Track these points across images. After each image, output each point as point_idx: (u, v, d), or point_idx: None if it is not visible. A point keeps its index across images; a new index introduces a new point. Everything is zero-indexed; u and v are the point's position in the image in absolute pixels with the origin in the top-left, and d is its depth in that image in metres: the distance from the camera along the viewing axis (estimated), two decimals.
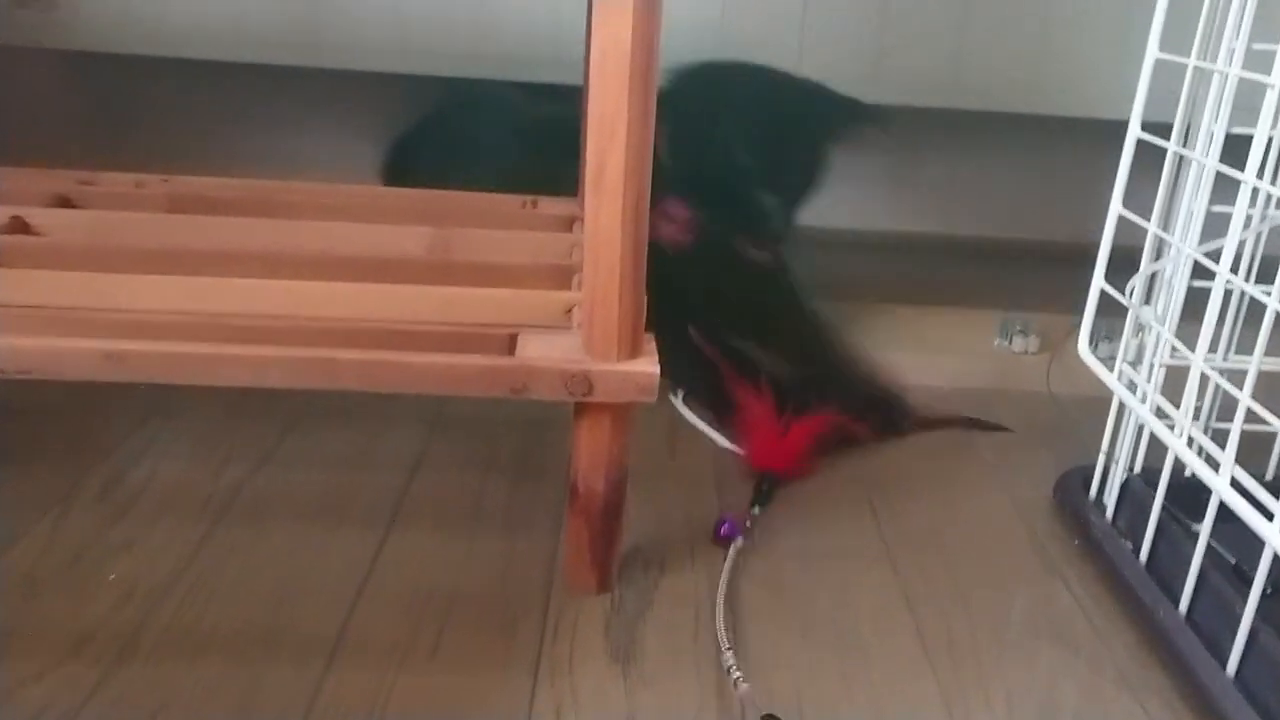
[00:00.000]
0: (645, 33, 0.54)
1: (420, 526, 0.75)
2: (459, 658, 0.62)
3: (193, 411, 0.88)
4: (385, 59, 1.22)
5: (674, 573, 0.72)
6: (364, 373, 0.61)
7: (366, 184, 1.24)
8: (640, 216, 0.59)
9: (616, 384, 0.61)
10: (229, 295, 0.71)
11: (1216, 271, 0.66)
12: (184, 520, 0.74)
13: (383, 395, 0.63)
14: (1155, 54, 0.74)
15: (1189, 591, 0.67)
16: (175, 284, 0.71)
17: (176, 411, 0.88)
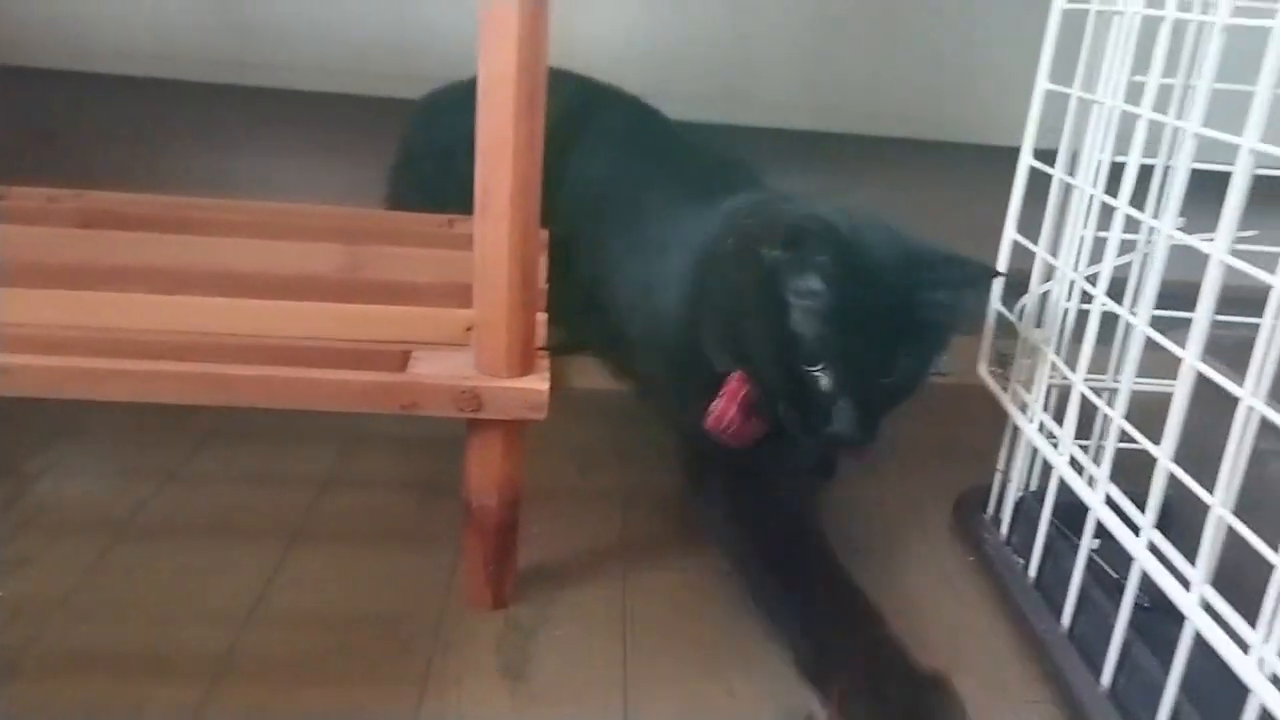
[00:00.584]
0: (530, 65, 0.55)
1: (323, 544, 0.75)
2: (348, 673, 0.62)
3: (102, 429, 0.88)
4: (311, 77, 1.23)
5: (572, 590, 0.73)
6: (256, 388, 0.61)
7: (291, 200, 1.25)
8: (528, 239, 0.60)
9: (506, 401, 0.62)
10: (129, 311, 0.71)
11: (1094, 295, 0.68)
12: (82, 538, 0.73)
13: (297, 412, 0.63)
14: (1045, 85, 0.77)
15: (1071, 607, 0.69)
16: (75, 299, 0.71)
17: (86, 429, 0.88)
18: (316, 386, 0.61)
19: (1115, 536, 0.62)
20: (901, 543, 0.84)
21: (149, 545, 0.73)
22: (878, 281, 0.69)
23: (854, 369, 0.69)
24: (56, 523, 0.75)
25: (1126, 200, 0.65)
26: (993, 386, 0.82)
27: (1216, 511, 0.52)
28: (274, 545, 0.74)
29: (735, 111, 1.26)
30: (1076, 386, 0.69)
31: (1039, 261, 0.77)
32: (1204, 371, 0.55)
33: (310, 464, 0.85)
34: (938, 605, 0.76)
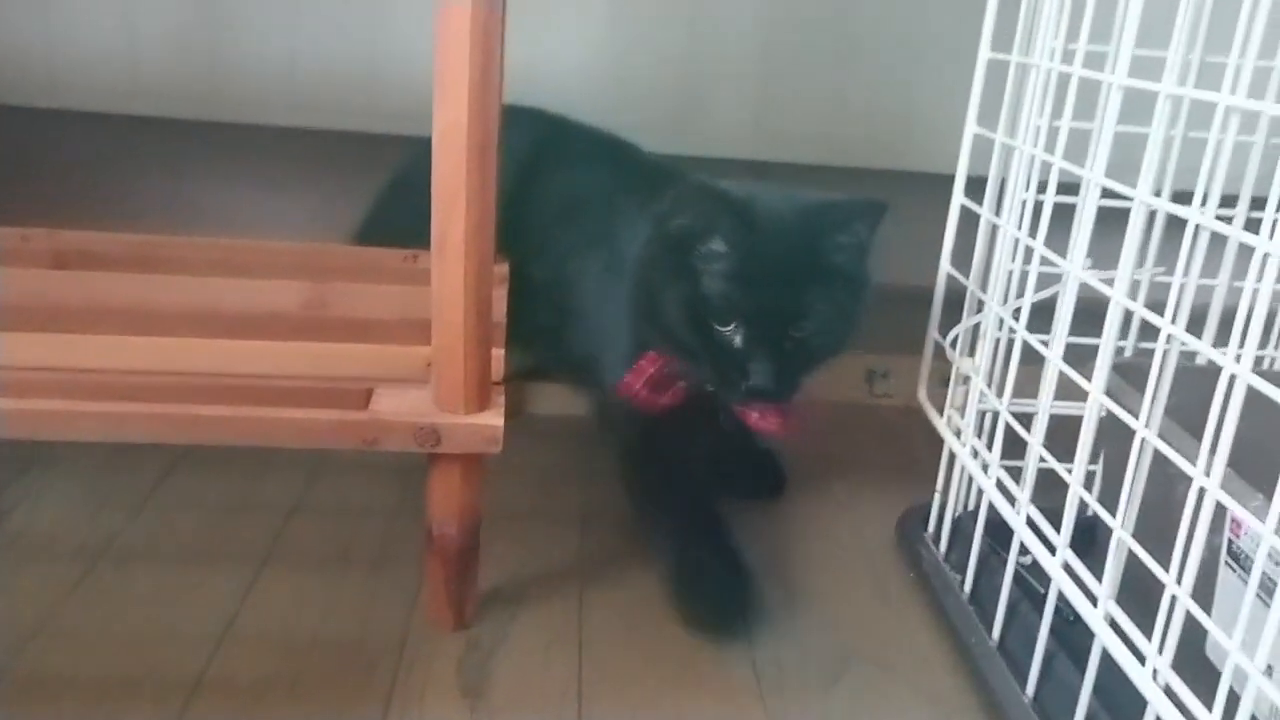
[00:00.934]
0: (481, 115, 0.59)
1: (291, 569, 0.78)
2: (315, 693, 0.66)
3: (73, 460, 0.90)
4: (279, 113, 1.26)
5: (531, 610, 0.76)
6: (225, 427, 0.65)
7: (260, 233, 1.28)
8: (483, 280, 0.64)
9: (464, 436, 0.66)
10: (102, 352, 0.74)
11: (1015, 328, 0.73)
12: (55, 566, 0.76)
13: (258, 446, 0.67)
14: (973, 129, 0.82)
15: (1000, 621, 0.73)
16: (48, 340, 0.74)
17: (57, 460, 0.90)
18: (282, 425, 0.64)
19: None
20: (845, 560, 0.88)
21: (122, 572, 0.76)
22: (777, 237, 0.74)
23: (764, 324, 0.73)
24: (31, 551, 0.78)
25: (1043, 239, 0.70)
26: (930, 411, 0.86)
27: (1118, 534, 0.57)
28: (243, 570, 0.78)
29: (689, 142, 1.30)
30: (1002, 414, 0.74)
31: (970, 295, 0.81)
32: (1107, 404, 0.60)
33: (277, 491, 0.88)
34: (878, 619, 0.80)
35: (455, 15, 0.57)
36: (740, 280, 0.73)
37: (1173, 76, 0.56)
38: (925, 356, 0.88)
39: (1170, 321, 0.56)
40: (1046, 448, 0.68)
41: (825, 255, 0.76)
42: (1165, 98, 0.56)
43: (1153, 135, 0.56)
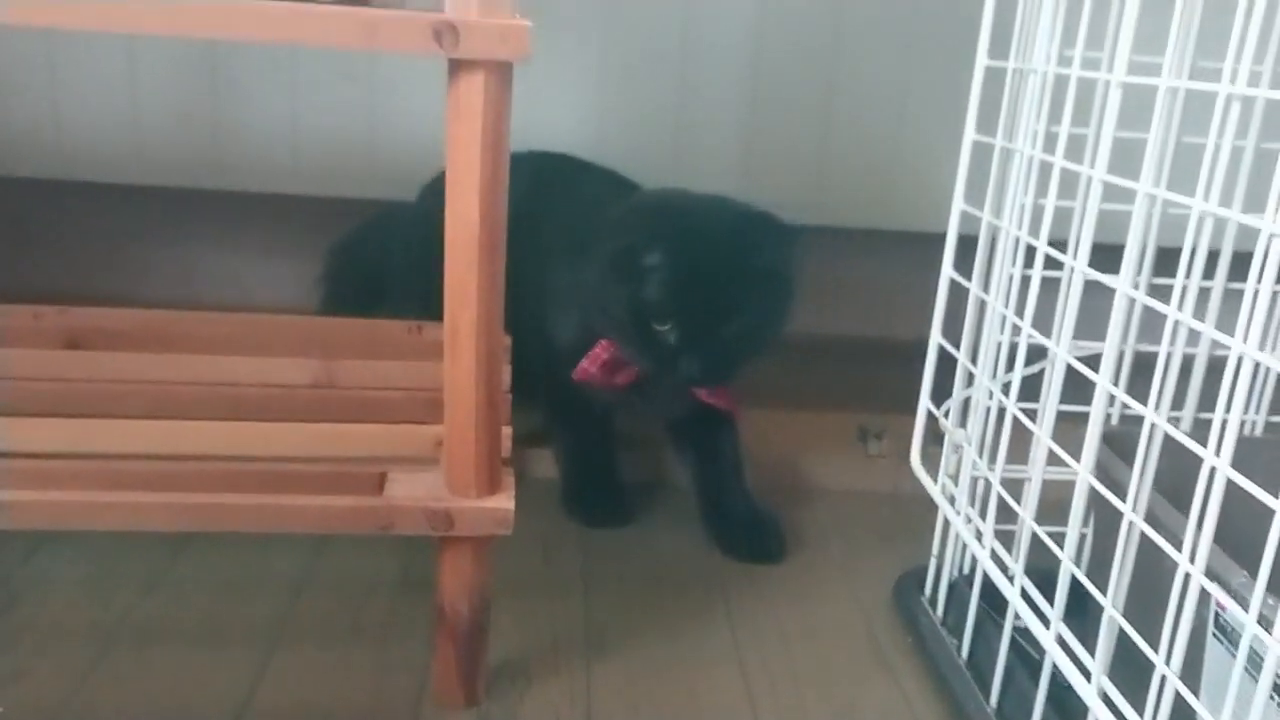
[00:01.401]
0: (491, 214, 0.62)
1: (303, 645, 0.80)
2: None
3: (83, 540, 0.92)
4: (282, 181, 1.29)
5: (539, 685, 0.78)
6: (244, 516, 0.67)
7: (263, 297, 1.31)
8: (493, 367, 0.66)
9: (475, 519, 0.68)
10: (115, 437, 0.76)
11: (1005, 402, 0.75)
12: (74, 649, 0.77)
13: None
14: (960, 206, 0.85)
15: (997, 686, 0.75)
16: (66, 426, 0.76)
17: (65, 539, 0.91)
18: (301, 512, 0.66)
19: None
20: (842, 622, 0.90)
21: (138, 653, 0.78)
22: (708, 247, 0.89)
23: (695, 323, 0.88)
24: (47, 635, 0.79)
25: (1030, 320, 0.73)
26: (924, 479, 0.89)
27: (1109, 613, 0.59)
28: (257, 648, 0.79)
29: None
30: (994, 486, 0.76)
31: (960, 368, 0.84)
32: (1093, 484, 0.62)
33: (285, 567, 0.90)
34: (874, 682, 0.82)
35: (466, 124, 0.60)
36: (675, 287, 0.88)
37: (1150, 174, 0.59)
38: (918, 425, 0.90)
39: (1154, 406, 0.59)
40: (1042, 508, 0.70)
41: (751, 261, 0.89)
42: (1144, 195, 0.59)
43: (1133, 229, 0.59)
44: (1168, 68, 0.58)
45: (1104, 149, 0.63)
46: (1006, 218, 0.78)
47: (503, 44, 0.58)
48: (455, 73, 0.59)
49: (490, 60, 0.58)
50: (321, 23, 0.57)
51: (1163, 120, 0.58)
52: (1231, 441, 0.51)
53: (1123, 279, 0.59)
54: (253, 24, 0.57)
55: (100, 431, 0.77)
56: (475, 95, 0.59)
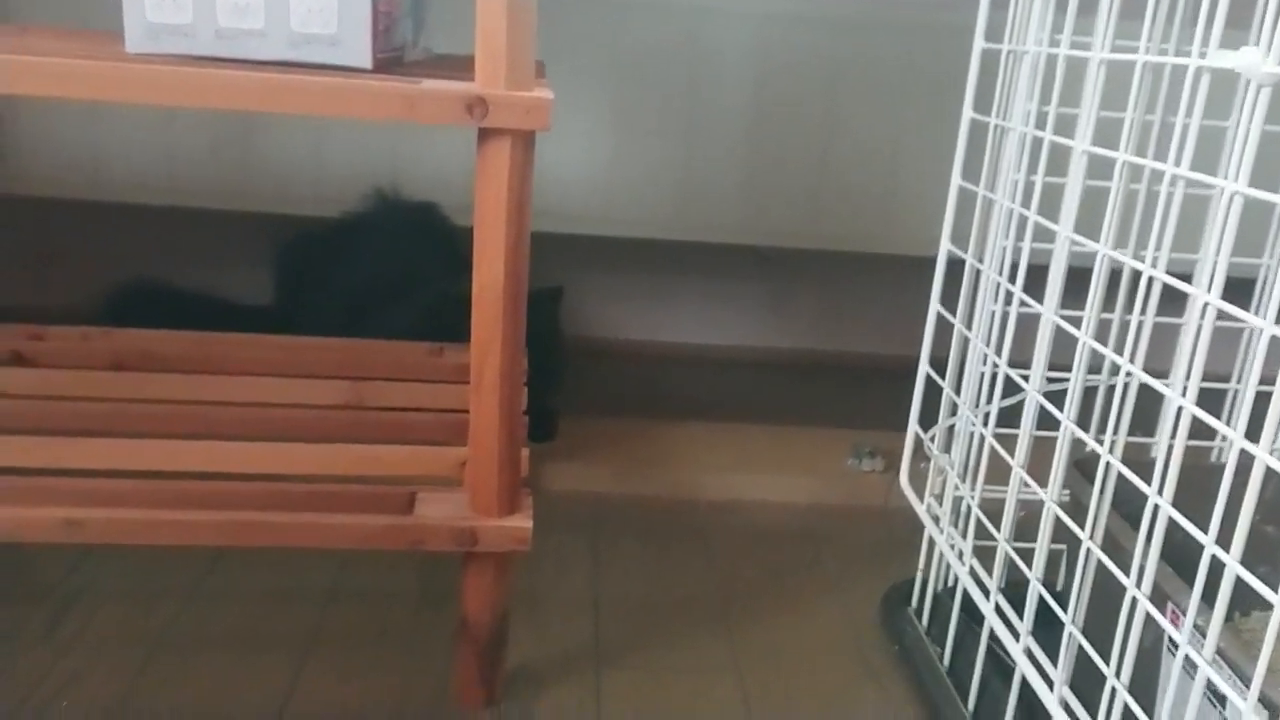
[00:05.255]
0: (515, 272, 0.68)
1: (334, 652, 0.87)
2: None
3: (124, 551, 0.98)
4: (309, 204, 1.36)
5: (553, 690, 0.84)
6: (287, 533, 0.73)
7: None
8: (514, 409, 0.73)
9: (497, 537, 0.75)
10: (167, 455, 0.83)
11: (985, 433, 0.82)
12: (123, 654, 0.84)
13: None
14: (947, 246, 0.91)
15: (974, 693, 0.82)
16: (118, 446, 0.83)
17: (108, 552, 0.98)
18: (340, 529, 0.73)
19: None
20: (833, 631, 0.96)
21: (182, 658, 0.84)
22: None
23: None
24: (99, 641, 0.86)
25: (1006, 359, 0.79)
26: (911, 498, 0.95)
27: (1069, 629, 0.66)
28: (291, 655, 0.86)
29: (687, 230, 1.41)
30: (973, 509, 0.83)
31: (945, 397, 0.90)
32: (1058, 514, 0.69)
33: (315, 579, 0.97)
34: (862, 689, 0.88)
35: (493, 187, 0.66)
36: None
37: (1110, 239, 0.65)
38: (907, 448, 0.97)
39: (1109, 445, 0.65)
40: (1023, 525, 0.77)
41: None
42: (1102, 255, 0.65)
43: (1094, 278, 0.66)
44: (1125, 138, 0.65)
45: (1071, 206, 0.69)
46: (988, 260, 0.85)
47: (527, 116, 0.64)
48: (484, 140, 0.66)
49: (517, 130, 0.65)
50: (367, 98, 0.63)
51: (1123, 183, 0.65)
52: (1175, 474, 0.57)
53: (1085, 324, 0.66)
54: (303, 99, 0.64)
55: (148, 451, 0.84)
56: (502, 160, 0.65)
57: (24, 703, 0.78)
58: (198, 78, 0.63)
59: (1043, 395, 0.73)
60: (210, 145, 1.34)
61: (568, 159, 1.36)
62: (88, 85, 0.62)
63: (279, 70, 0.65)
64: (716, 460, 1.24)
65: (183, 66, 0.63)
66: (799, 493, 1.20)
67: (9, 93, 0.61)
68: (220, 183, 1.36)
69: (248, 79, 0.63)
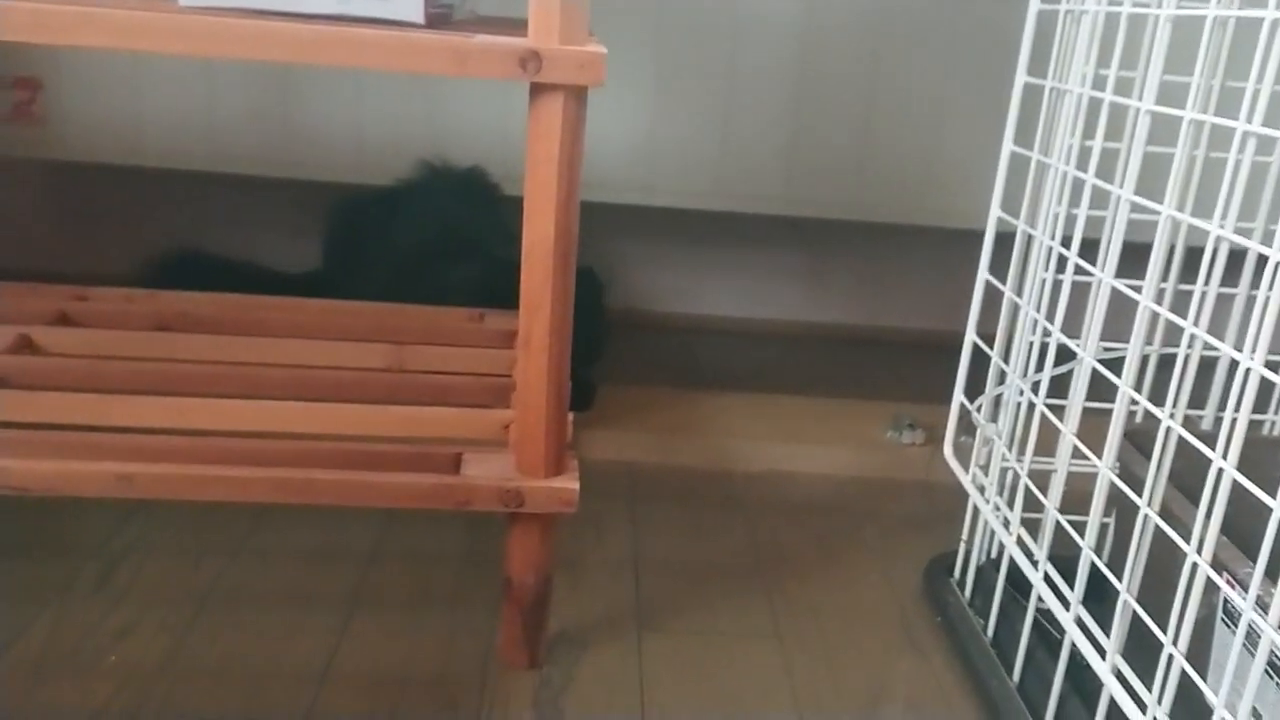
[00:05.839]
0: (565, 230, 0.68)
1: (378, 611, 0.87)
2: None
3: (171, 508, 0.99)
4: (348, 172, 1.36)
5: (595, 652, 0.84)
6: (336, 491, 0.73)
7: None
8: (560, 369, 0.73)
9: (543, 498, 0.75)
10: (214, 414, 0.83)
11: (1035, 400, 0.81)
12: (171, 609, 0.85)
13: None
14: (997, 213, 0.90)
15: (1019, 664, 0.81)
16: (166, 404, 0.84)
17: (155, 510, 0.99)
18: (387, 488, 0.73)
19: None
20: (875, 601, 0.96)
21: (229, 614, 0.85)
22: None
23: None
24: (147, 596, 0.87)
25: (1060, 324, 0.78)
26: (956, 468, 0.94)
27: (1124, 596, 0.65)
28: (336, 612, 0.86)
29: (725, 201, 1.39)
30: (1022, 478, 0.82)
31: (993, 366, 0.89)
32: (1113, 479, 0.68)
33: (358, 538, 0.97)
34: (904, 658, 0.88)
35: (545, 143, 0.66)
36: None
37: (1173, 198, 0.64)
38: (951, 418, 0.96)
39: (1169, 410, 0.64)
40: (1068, 497, 0.76)
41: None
42: (1166, 217, 0.64)
43: (1156, 246, 0.64)
44: (1192, 99, 0.63)
45: (1133, 169, 0.68)
46: (1040, 227, 0.83)
47: (581, 71, 0.64)
48: (536, 95, 0.65)
49: (569, 85, 0.64)
50: (419, 52, 0.63)
51: (1186, 147, 0.63)
52: (1239, 442, 0.56)
53: (1145, 291, 0.65)
54: (354, 52, 0.63)
55: (195, 409, 0.84)
56: (554, 116, 0.65)
57: (75, 655, 0.79)
58: (252, 29, 0.63)
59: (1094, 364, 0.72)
60: (250, 112, 1.34)
61: (605, 127, 1.35)
62: (145, 37, 0.62)
63: (331, 23, 0.65)
64: (754, 431, 1.23)
65: (237, 19, 0.63)
66: (838, 464, 1.20)
67: (68, 44, 0.61)
68: (260, 149, 1.36)
69: (301, 30, 0.63)
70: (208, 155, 1.36)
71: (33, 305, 0.99)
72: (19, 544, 0.93)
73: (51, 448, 0.75)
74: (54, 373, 0.87)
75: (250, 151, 1.36)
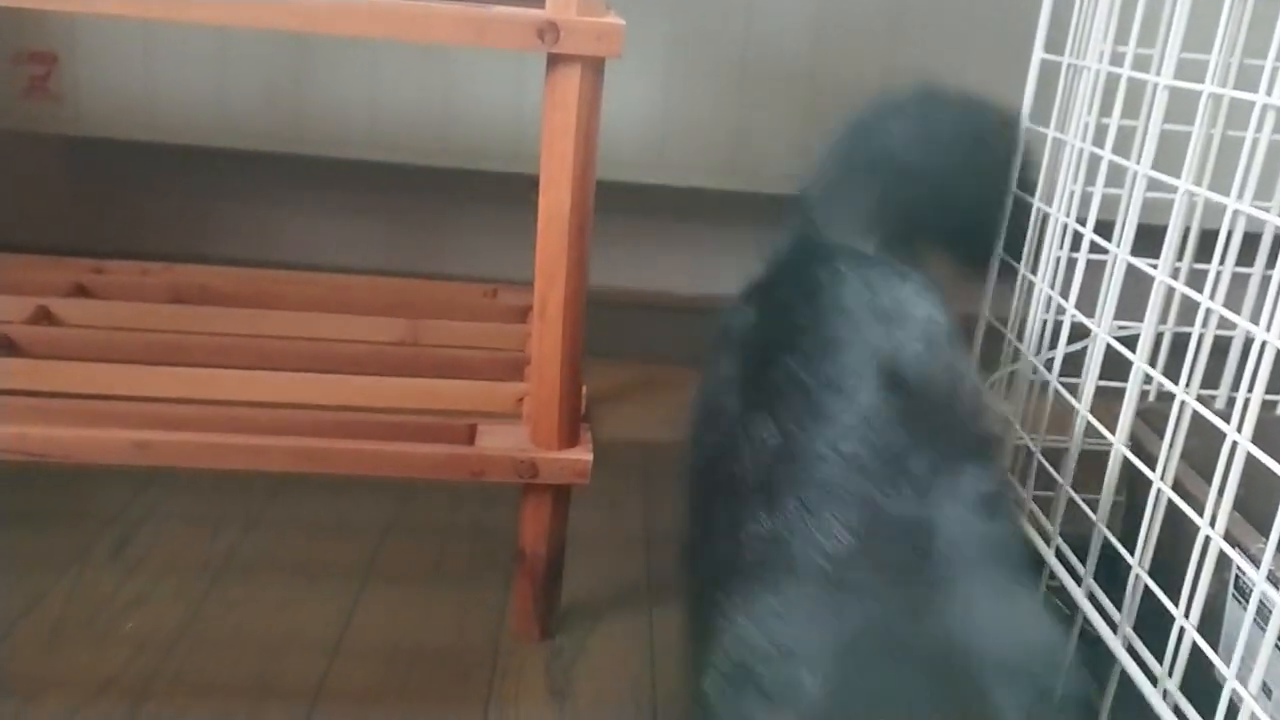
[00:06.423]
0: (581, 202, 0.68)
1: (391, 584, 0.88)
2: (422, 698, 0.75)
3: (186, 480, 1.00)
4: (363, 148, 1.36)
5: (607, 624, 0.85)
6: (352, 460, 0.74)
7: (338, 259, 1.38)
8: (576, 336, 0.73)
9: (557, 469, 0.75)
10: (230, 385, 0.84)
11: (1048, 377, 0.81)
12: (186, 578, 0.86)
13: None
14: (1014, 191, 0.90)
15: None
16: (182, 375, 0.84)
17: (171, 480, 1.00)
18: (403, 458, 0.74)
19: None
20: None
21: (244, 585, 0.86)
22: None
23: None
24: (162, 566, 0.87)
25: (1074, 301, 0.78)
26: None
27: (1135, 571, 0.65)
28: (350, 584, 0.87)
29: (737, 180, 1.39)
30: (1035, 455, 0.82)
31: (1008, 343, 0.89)
32: (1126, 455, 0.68)
33: (372, 511, 0.98)
34: None
35: (562, 114, 0.66)
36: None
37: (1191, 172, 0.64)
38: None
39: (1184, 386, 0.64)
40: (1081, 474, 0.76)
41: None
42: (1184, 192, 0.64)
43: (1172, 222, 0.64)
44: (1211, 74, 0.63)
45: (1150, 146, 0.68)
46: (1056, 204, 0.83)
47: (598, 42, 0.64)
48: (553, 66, 0.65)
49: (587, 56, 0.64)
50: (437, 22, 0.63)
51: (1204, 123, 0.63)
52: (1253, 418, 0.56)
53: (1161, 268, 0.65)
54: (371, 22, 0.63)
55: (211, 380, 0.85)
56: (571, 88, 0.65)
57: (90, 623, 0.80)
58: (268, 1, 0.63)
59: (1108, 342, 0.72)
60: (264, 88, 1.34)
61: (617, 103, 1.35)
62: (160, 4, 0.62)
63: None
64: None
65: None
66: None
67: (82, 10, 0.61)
68: (274, 125, 1.36)
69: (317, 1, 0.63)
70: (221, 131, 1.36)
71: (50, 277, 1.00)
72: (36, 513, 0.93)
73: (69, 415, 0.75)
74: (71, 343, 0.88)
75: (264, 128, 1.36)
